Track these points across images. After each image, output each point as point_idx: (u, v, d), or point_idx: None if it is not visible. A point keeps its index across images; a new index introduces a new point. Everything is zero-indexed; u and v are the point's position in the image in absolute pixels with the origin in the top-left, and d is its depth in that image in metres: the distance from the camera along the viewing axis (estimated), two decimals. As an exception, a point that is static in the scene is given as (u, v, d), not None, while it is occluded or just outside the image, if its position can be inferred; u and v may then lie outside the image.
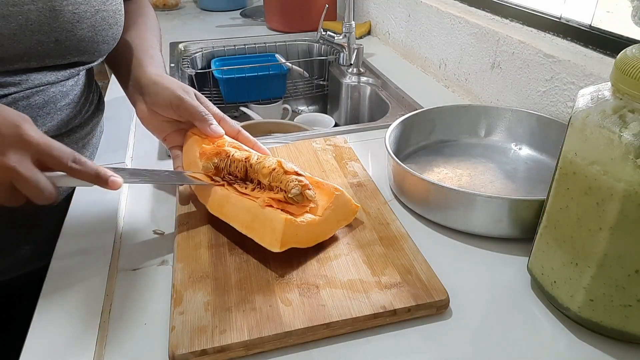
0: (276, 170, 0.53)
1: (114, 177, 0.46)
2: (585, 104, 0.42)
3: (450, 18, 0.97)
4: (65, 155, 0.44)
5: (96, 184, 0.45)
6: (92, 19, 0.58)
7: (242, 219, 0.52)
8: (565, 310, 0.46)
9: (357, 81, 1.12)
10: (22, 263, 0.65)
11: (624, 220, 0.39)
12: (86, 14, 0.57)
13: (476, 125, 0.76)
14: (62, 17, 0.55)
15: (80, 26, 0.57)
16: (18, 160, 0.41)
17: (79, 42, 0.58)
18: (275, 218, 0.49)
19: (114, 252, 0.55)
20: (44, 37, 0.55)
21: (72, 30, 0.56)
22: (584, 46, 0.73)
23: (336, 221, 0.54)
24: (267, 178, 0.53)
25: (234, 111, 1.26)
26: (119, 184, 0.46)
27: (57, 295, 0.49)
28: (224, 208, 0.54)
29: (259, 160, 0.55)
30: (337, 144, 0.74)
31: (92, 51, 0.60)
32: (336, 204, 0.54)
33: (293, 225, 0.49)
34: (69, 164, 0.44)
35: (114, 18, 0.62)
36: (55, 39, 0.55)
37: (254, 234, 0.51)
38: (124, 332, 0.46)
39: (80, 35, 0.57)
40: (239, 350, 0.43)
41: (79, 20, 0.57)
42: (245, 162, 0.56)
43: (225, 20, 1.52)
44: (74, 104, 0.64)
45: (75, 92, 0.64)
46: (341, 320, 0.44)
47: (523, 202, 0.54)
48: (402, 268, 0.50)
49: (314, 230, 0.51)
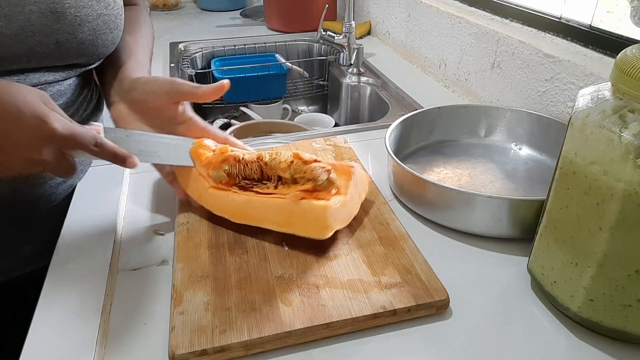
0: (295, 163, 0.54)
1: (131, 158, 0.49)
2: (585, 104, 0.42)
3: (450, 18, 0.97)
4: (87, 140, 0.46)
5: (114, 163, 0.49)
6: (94, 22, 0.58)
7: (276, 218, 0.52)
8: (565, 310, 0.46)
9: (357, 81, 1.12)
10: (23, 263, 0.66)
11: (624, 220, 0.39)
12: (88, 18, 0.58)
13: (476, 125, 0.76)
14: (63, 20, 0.55)
15: (81, 29, 0.57)
16: (48, 152, 0.46)
17: (79, 45, 0.58)
18: (315, 208, 0.51)
19: (114, 252, 0.55)
20: (45, 39, 0.55)
21: (73, 33, 0.57)
22: (584, 46, 0.73)
23: (358, 195, 0.56)
24: (288, 171, 0.54)
25: (234, 111, 1.26)
26: (135, 164, 0.49)
27: (57, 295, 0.49)
28: (248, 214, 0.54)
29: (273, 157, 0.55)
30: (337, 144, 0.74)
31: (92, 54, 0.61)
32: (355, 179, 0.56)
33: (332, 209, 0.51)
34: (90, 147, 0.47)
35: (114, 22, 0.62)
36: (55, 40, 0.56)
37: (296, 229, 0.52)
38: (124, 332, 0.46)
39: (81, 38, 0.58)
40: (239, 350, 0.43)
41: (80, 23, 0.57)
42: (259, 162, 0.56)
43: (225, 20, 1.52)
44: (71, 103, 0.64)
45: (72, 92, 0.64)
46: (341, 320, 0.44)
47: (523, 202, 0.54)
48: (402, 268, 0.50)
49: (346, 208, 0.54)
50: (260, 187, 0.55)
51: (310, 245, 0.53)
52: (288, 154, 0.55)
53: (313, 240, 0.51)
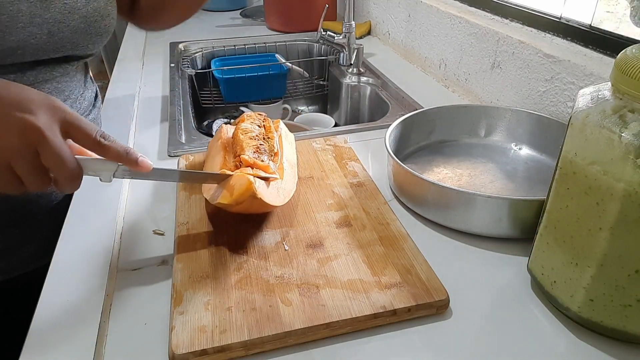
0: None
1: (144, 158, 0.44)
2: (585, 104, 0.42)
3: (450, 18, 0.97)
4: (93, 128, 0.42)
5: (125, 163, 0.43)
6: (84, 9, 0.58)
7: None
8: (565, 310, 0.46)
9: (357, 81, 1.12)
10: (24, 262, 0.66)
11: (624, 220, 0.39)
12: (77, 4, 0.58)
13: (476, 125, 0.76)
14: (53, 8, 0.55)
15: (71, 17, 0.57)
16: (46, 122, 0.40)
17: (72, 33, 0.58)
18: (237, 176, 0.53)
19: (114, 252, 0.55)
20: (37, 29, 0.55)
21: (64, 21, 0.56)
22: (584, 46, 0.73)
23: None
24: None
25: (234, 111, 1.26)
26: (149, 166, 0.44)
27: (57, 295, 0.49)
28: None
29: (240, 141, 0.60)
30: (337, 144, 0.74)
31: (86, 43, 0.61)
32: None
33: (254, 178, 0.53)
34: (97, 137, 0.42)
35: (105, 10, 0.62)
36: (48, 30, 0.56)
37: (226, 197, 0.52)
38: (124, 332, 0.46)
39: (73, 26, 0.58)
40: (239, 350, 0.43)
41: (70, 11, 0.57)
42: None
43: (225, 20, 1.52)
44: (70, 101, 0.64)
45: (69, 89, 0.64)
46: (341, 320, 0.44)
47: (523, 202, 0.54)
48: (402, 268, 0.50)
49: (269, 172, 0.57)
50: None
51: (310, 245, 0.53)
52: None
53: (313, 240, 0.51)
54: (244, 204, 0.51)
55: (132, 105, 0.92)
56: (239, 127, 0.63)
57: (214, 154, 0.62)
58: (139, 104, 0.93)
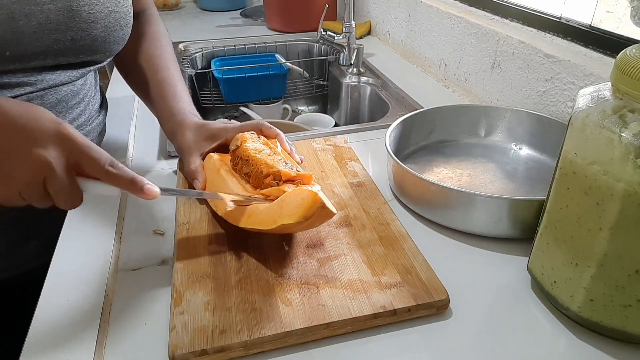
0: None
1: (150, 185, 0.44)
2: (585, 104, 0.42)
3: (450, 18, 0.97)
4: (102, 157, 0.43)
5: (130, 191, 0.44)
6: (106, 19, 0.61)
7: (271, 216, 0.50)
8: (565, 310, 0.46)
9: (357, 81, 1.12)
10: (28, 258, 0.67)
11: (624, 220, 0.39)
12: (100, 15, 0.60)
13: (476, 125, 0.76)
14: (78, 17, 0.57)
15: (94, 26, 0.59)
16: (56, 157, 0.42)
17: (93, 41, 0.60)
18: (299, 190, 0.49)
19: (114, 252, 0.55)
20: (61, 36, 0.57)
21: (87, 30, 0.59)
22: (584, 46, 0.73)
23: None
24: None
25: (234, 111, 1.26)
26: (155, 193, 0.44)
27: (57, 295, 0.49)
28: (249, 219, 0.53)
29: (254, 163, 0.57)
30: (337, 144, 0.74)
31: (104, 51, 0.63)
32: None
33: (317, 189, 0.51)
34: (105, 166, 0.43)
35: (125, 20, 0.64)
36: (71, 37, 0.58)
37: (290, 217, 0.49)
38: (124, 332, 0.46)
39: (94, 35, 0.60)
40: (239, 350, 0.43)
41: (93, 20, 0.59)
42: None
43: (225, 20, 1.52)
44: (85, 103, 0.67)
45: (84, 91, 0.67)
46: (341, 320, 0.44)
47: (523, 202, 0.54)
48: (402, 268, 0.50)
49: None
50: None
51: (310, 245, 0.53)
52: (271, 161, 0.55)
53: (313, 240, 0.51)
54: (312, 217, 0.47)
55: (132, 106, 0.92)
56: (249, 149, 0.58)
57: (218, 182, 0.58)
58: (139, 104, 0.92)
